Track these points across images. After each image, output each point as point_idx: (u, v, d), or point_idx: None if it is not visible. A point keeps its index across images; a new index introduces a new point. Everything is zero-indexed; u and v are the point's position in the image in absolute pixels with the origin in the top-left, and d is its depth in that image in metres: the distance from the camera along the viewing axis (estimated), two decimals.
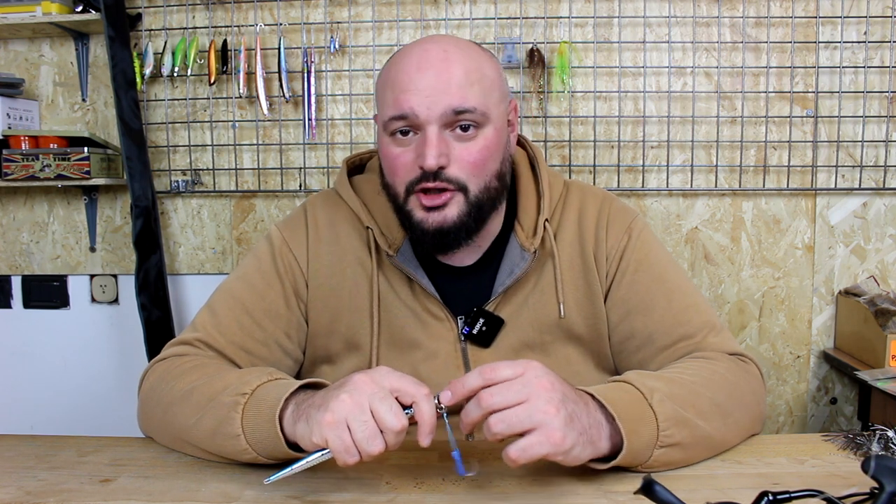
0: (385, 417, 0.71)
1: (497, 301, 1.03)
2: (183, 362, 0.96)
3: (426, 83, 0.92)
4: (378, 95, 1.00)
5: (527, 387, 0.71)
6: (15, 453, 0.90)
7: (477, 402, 0.72)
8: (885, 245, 2.02)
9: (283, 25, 2.04)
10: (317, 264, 1.05)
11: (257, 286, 1.05)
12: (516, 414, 0.71)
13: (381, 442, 0.72)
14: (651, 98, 2.00)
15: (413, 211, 0.96)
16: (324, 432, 0.72)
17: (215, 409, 0.83)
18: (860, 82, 1.96)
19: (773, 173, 2.00)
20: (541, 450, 0.70)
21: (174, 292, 2.11)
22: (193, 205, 2.13)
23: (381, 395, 0.72)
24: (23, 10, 1.97)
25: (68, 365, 2.18)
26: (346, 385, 0.74)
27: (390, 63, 0.98)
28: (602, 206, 1.07)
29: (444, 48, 0.95)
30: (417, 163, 0.93)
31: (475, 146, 0.94)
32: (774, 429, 2.09)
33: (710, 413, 0.85)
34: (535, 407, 0.71)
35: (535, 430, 0.70)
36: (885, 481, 0.57)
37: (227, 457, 0.84)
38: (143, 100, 2.07)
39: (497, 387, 0.72)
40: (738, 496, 0.68)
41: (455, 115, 0.92)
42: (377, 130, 1.00)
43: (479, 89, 0.94)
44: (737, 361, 0.97)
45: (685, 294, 1.03)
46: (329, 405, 0.72)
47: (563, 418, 0.71)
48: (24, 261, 2.18)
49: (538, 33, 1.99)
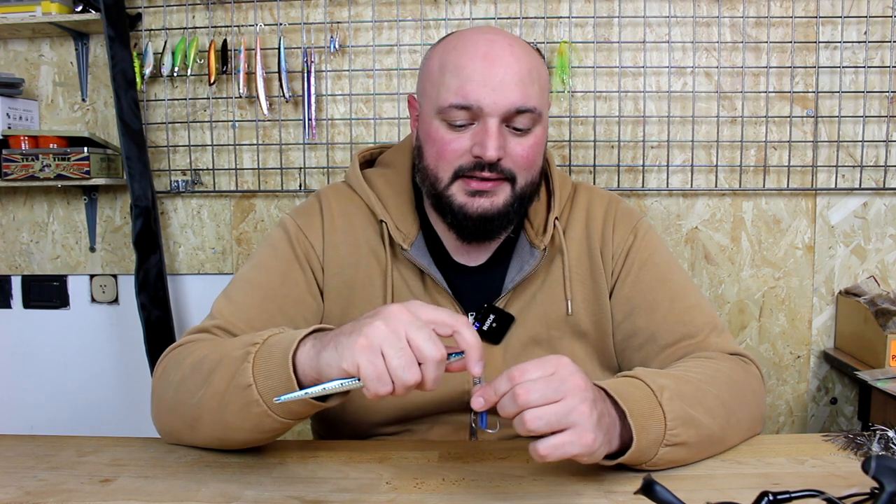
0: (423, 346, 0.68)
1: (507, 298, 1.03)
2: (196, 345, 0.92)
3: (494, 76, 0.93)
4: (432, 77, 0.98)
5: (564, 384, 0.70)
6: (15, 453, 0.90)
7: (513, 399, 0.69)
8: (885, 245, 2.02)
9: (283, 25, 2.04)
10: (332, 253, 1.05)
11: (276, 271, 1.03)
12: (555, 412, 0.69)
13: (417, 372, 0.69)
14: (651, 98, 2.00)
15: (455, 195, 0.97)
16: (356, 357, 0.68)
17: (226, 366, 0.80)
18: (860, 82, 1.96)
19: (774, 173, 2.00)
20: (572, 450, 0.69)
21: (174, 292, 2.11)
22: (193, 205, 2.13)
23: (419, 325, 0.69)
24: (23, 9, 1.97)
25: (68, 365, 2.18)
26: (381, 313, 0.70)
27: (450, 47, 0.97)
28: (609, 207, 1.09)
29: (510, 42, 0.96)
30: (474, 152, 0.94)
31: (527, 142, 0.97)
32: (774, 429, 2.09)
33: (716, 411, 0.85)
34: (571, 406, 0.69)
35: (569, 429, 0.69)
36: (886, 481, 0.57)
37: (236, 421, 0.80)
38: (143, 100, 2.07)
39: (532, 383, 0.70)
40: (738, 496, 0.68)
41: (517, 112, 0.94)
42: (426, 115, 0.99)
43: (538, 89, 0.96)
44: (738, 361, 0.97)
45: (688, 294, 1.04)
46: (363, 331, 0.69)
47: (595, 419, 0.71)
48: (23, 261, 2.18)
49: (538, 33, 1.99)
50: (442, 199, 0.98)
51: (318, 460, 0.87)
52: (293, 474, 0.83)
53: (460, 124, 0.95)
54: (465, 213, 0.97)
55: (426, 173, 1.00)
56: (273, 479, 0.81)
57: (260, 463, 0.86)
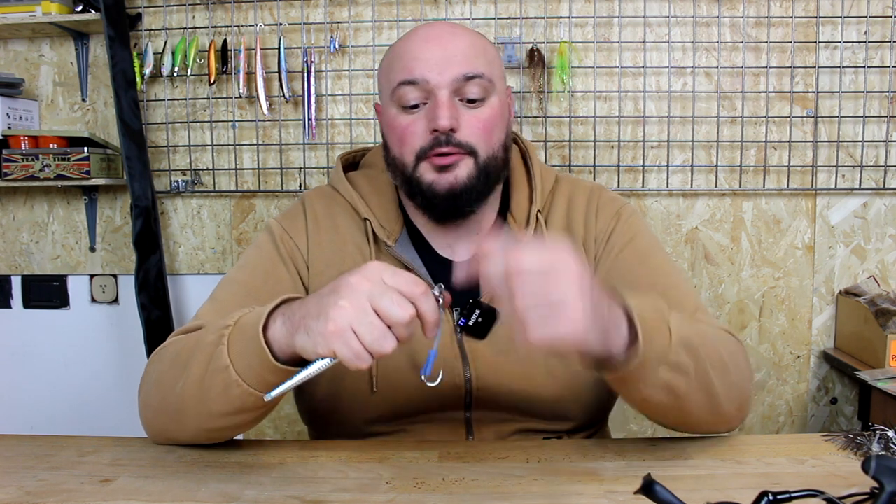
0: (391, 312, 0.69)
1: None
2: (176, 343, 0.93)
3: (435, 53, 0.96)
4: (383, 73, 1.02)
5: (561, 284, 0.67)
6: (15, 453, 0.90)
7: (510, 300, 0.67)
8: (885, 245, 2.02)
9: (283, 25, 2.04)
10: (317, 252, 1.06)
11: (260, 269, 1.04)
12: (548, 303, 0.66)
13: (392, 339, 0.69)
14: (651, 98, 2.00)
15: (423, 176, 0.98)
16: (329, 344, 0.69)
17: (202, 352, 0.81)
18: (860, 82, 1.96)
19: (774, 173, 2.00)
20: (561, 328, 0.66)
21: (174, 292, 2.11)
22: (193, 205, 2.13)
23: (381, 290, 0.69)
24: (23, 9, 1.97)
25: (68, 365, 2.18)
26: (341, 289, 0.71)
27: (394, 44, 1.02)
28: (591, 196, 1.09)
29: (450, 25, 1.01)
30: (430, 126, 0.96)
31: (483, 113, 0.98)
32: (774, 429, 2.09)
33: (716, 361, 0.84)
34: (565, 293, 0.67)
35: (559, 305, 0.67)
36: (886, 481, 0.57)
37: (219, 405, 0.80)
38: (143, 100, 2.07)
39: (531, 284, 0.67)
40: (738, 496, 0.68)
41: (465, 80, 0.96)
42: (384, 109, 1.02)
43: (484, 59, 0.98)
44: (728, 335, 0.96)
45: (669, 276, 1.03)
46: (328, 314, 0.69)
47: (589, 305, 0.68)
48: (23, 261, 2.18)
49: (538, 33, 1.99)
50: (412, 183, 0.99)
51: (318, 460, 0.87)
52: (293, 474, 0.83)
53: (413, 104, 0.97)
54: (433, 191, 0.97)
55: (394, 164, 1.01)
56: (273, 479, 0.81)
57: (260, 463, 0.86)
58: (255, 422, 0.86)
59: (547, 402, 1.02)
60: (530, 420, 1.02)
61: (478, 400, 1.01)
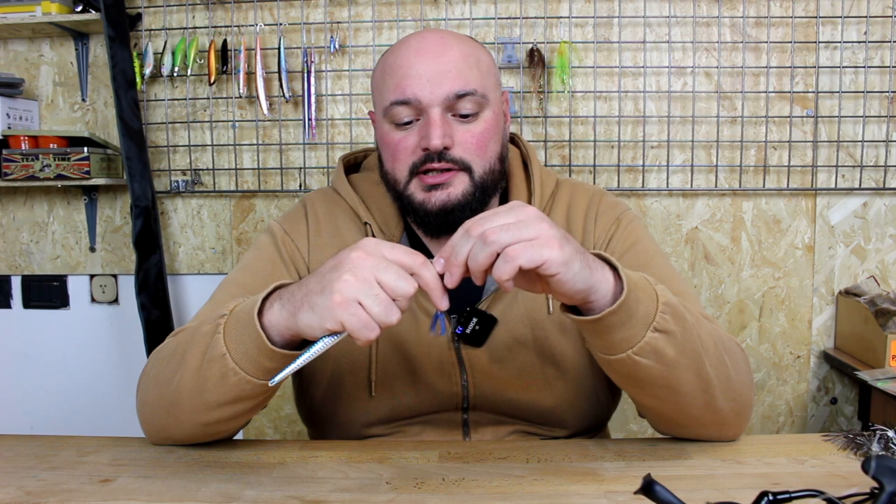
0: (396, 285, 0.70)
1: (489, 300, 1.02)
2: (173, 340, 0.93)
3: (427, 68, 0.95)
4: (376, 86, 1.02)
5: (529, 226, 0.71)
6: (15, 453, 0.90)
7: (482, 241, 0.70)
8: (885, 245, 2.02)
9: (283, 25, 2.04)
10: (318, 255, 1.05)
11: (261, 271, 1.04)
12: (529, 241, 0.70)
13: (397, 310, 0.71)
14: (651, 98, 2.00)
15: (414, 194, 0.98)
16: (336, 315, 0.70)
17: (198, 343, 0.81)
18: (860, 82, 1.96)
19: (773, 173, 2.00)
20: (541, 252, 0.70)
21: (174, 292, 2.12)
22: (193, 205, 2.13)
23: (384, 265, 0.71)
24: (23, 9, 1.97)
25: (68, 365, 2.18)
26: (343, 264, 0.72)
27: (387, 54, 1.00)
28: (592, 201, 1.08)
29: (441, 36, 0.98)
30: (421, 145, 0.95)
31: (477, 128, 0.97)
32: (774, 429, 2.09)
33: (709, 345, 0.83)
34: (536, 229, 0.71)
35: (536, 239, 0.70)
36: (886, 481, 0.57)
37: (215, 395, 0.80)
38: (143, 100, 2.07)
39: (501, 226, 0.71)
40: (738, 496, 0.68)
41: (457, 97, 0.95)
42: (377, 121, 1.01)
43: (477, 73, 0.97)
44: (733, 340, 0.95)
45: (671, 282, 1.01)
46: (333, 287, 0.70)
47: (562, 235, 0.72)
48: (23, 261, 2.18)
49: (538, 33, 1.99)
50: (404, 200, 0.99)
51: (318, 460, 0.87)
52: (293, 474, 0.83)
53: (406, 121, 0.97)
54: (425, 210, 0.97)
55: (387, 178, 1.01)
56: (273, 479, 0.81)
57: (260, 463, 0.86)
58: (249, 413, 0.86)
59: (544, 410, 1.02)
60: (527, 426, 1.03)
61: (475, 406, 1.01)
